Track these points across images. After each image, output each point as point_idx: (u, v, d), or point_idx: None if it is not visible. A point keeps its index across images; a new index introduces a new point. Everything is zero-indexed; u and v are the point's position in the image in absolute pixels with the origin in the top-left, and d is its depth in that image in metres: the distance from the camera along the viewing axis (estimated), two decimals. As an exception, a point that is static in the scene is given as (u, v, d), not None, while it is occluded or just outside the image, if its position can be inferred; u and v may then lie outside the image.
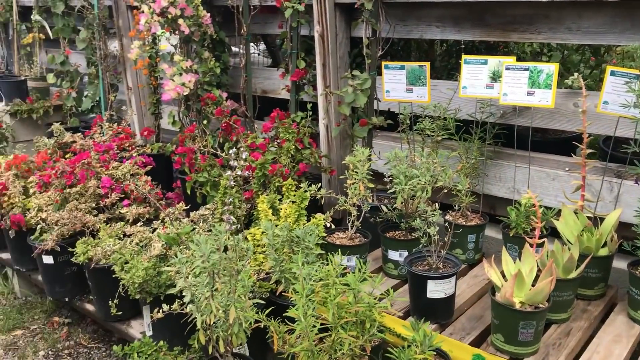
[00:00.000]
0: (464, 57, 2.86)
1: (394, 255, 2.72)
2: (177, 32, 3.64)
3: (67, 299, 3.21)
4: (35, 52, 5.47)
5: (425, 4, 3.07)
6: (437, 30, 3.15)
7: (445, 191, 2.69)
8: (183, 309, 2.09)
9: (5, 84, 5.30)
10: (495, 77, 2.78)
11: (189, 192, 3.38)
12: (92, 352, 3.16)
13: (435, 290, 2.31)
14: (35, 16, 5.25)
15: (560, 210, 2.61)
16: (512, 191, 2.98)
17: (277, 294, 2.38)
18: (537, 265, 2.22)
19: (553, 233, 2.67)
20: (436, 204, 2.47)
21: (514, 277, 2.09)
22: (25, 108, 5.14)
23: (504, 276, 2.28)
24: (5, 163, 3.72)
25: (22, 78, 5.44)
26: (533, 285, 2.15)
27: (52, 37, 5.21)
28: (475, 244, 2.85)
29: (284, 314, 1.98)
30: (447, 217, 2.88)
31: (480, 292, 2.65)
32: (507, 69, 2.71)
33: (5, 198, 3.38)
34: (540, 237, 2.33)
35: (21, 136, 5.11)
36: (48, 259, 3.05)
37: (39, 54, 5.47)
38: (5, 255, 3.68)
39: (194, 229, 2.81)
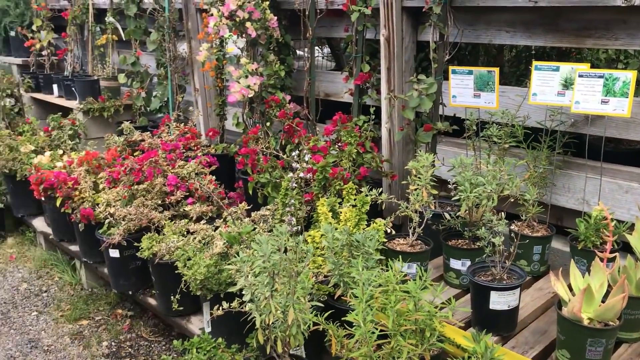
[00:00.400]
0: (534, 63, 2.78)
1: (456, 264, 2.67)
2: (244, 35, 3.70)
3: (130, 292, 3.31)
4: (108, 52, 5.68)
5: (495, 8, 3.00)
6: (506, 36, 3.07)
7: (512, 200, 2.62)
8: (242, 308, 2.11)
9: (80, 83, 5.53)
10: (567, 84, 2.68)
11: (250, 192, 3.42)
12: (152, 346, 3.23)
13: (499, 301, 2.25)
14: (109, 18, 5.46)
15: (633, 224, 2.49)
16: (582, 203, 2.86)
17: (335, 297, 2.37)
18: (608, 281, 2.12)
19: (624, 248, 2.55)
20: (502, 213, 2.40)
21: (583, 291, 2.01)
22: (97, 106, 5.35)
23: (571, 290, 2.19)
24: (77, 159, 3.88)
25: (95, 78, 5.66)
26: (603, 302, 2.06)
27: (124, 39, 5.40)
28: (541, 256, 2.75)
29: (342, 318, 1.97)
30: (512, 227, 2.81)
31: (545, 306, 2.56)
32: (580, 76, 2.61)
33: (77, 192, 3.52)
34: (611, 252, 2.22)
35: (93, 133, 5.31)
36: (114, 253, 3.15)
37: (111, 55, 5.68)
38: (75, 248, 3.83)
39: (255, 228, 2.84)
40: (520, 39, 3.05)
